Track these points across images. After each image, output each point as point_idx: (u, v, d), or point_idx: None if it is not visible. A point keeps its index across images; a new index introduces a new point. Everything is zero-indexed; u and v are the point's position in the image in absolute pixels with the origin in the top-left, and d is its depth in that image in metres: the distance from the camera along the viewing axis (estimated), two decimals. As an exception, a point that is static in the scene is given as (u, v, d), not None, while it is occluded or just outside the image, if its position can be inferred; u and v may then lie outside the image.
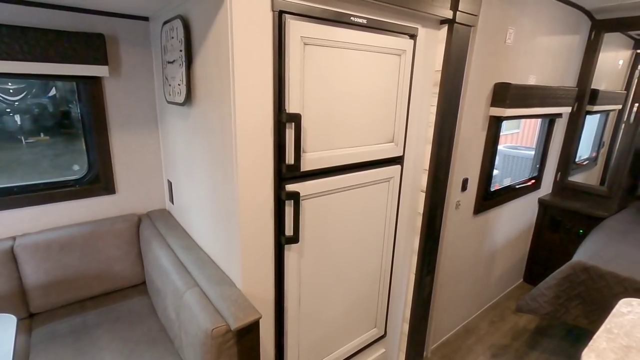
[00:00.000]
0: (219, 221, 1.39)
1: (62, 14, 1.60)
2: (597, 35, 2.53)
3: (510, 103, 1.97)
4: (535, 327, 2.58)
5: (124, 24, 1.75)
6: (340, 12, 1.25)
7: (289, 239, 1.34)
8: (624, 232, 2.25)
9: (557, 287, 2.00)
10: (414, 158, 1.77)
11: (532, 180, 2.70)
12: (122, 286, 1.90)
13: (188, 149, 1.60)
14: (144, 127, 1.93)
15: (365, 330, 1.86)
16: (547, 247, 2.92)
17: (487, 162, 2.13)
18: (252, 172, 1.21)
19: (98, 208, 1.89)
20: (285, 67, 1.17)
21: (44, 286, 1.68)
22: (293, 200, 1.29)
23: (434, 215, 1.88)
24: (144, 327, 1.65)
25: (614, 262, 1.90)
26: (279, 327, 1.46)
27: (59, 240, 1.71)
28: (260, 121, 1.18)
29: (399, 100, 1.56)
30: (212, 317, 1.21)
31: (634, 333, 0.98)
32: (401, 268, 1.96)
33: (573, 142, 2.76)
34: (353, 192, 1.52)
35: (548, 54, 2.30)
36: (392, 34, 1.44)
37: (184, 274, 1.48)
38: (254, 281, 1.33)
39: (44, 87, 1.75)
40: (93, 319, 1.68)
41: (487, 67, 1.88)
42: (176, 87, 1.52)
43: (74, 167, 1.87)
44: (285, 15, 1.13)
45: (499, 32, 1.87)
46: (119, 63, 1.78)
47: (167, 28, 1.52)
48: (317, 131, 1.31)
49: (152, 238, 1.78)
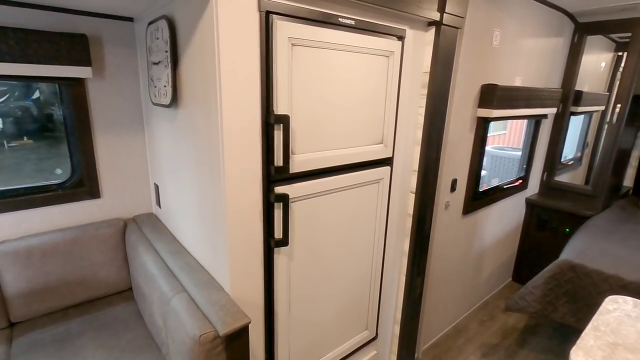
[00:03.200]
0: (207, 225, 1.37)
1: (44, 14, 1.55)
2: (580, 38, 2.59)
3: (497, 104, 2.00)
4: (525, 326, 2.60)
5: (108, 24, 1.71)
6: (328, 13, 1.25)
7: (278, 242, 1.32)
8: (609, 231, 2.30)
9: (545, 285, 2.03)
10: (403, 159, 1.78)
11: (519, 181, 2.74)
12: (107, 293, 1.85)
13: (175, 151, 1.57)
14: (129, 129, 1.89)
15: (357, 332, 1.85)
16: (535, 246, 2.96)
17: (475, 163, 2.15)
18: (239, 174, 1.19)
19: (82, 213, 1.84)
20: (272, 68, 1.15)
21: (25, 294, 1.62)
22: (282, 202, 1.28)
23: (423, 216, 1.89)
24: (130, 334, 1.61)
25: (599, 260, 1.93)
26: (269, 331, 1.44)
27: (40, 247, 1.65)
28: (247, 123, 1.16)
29: (388, 101, 1.56)
30: (199, 323, 1.18)
31: (620, 330, 0.99)
32: (391, 269, 1.96)
33: (558, 143, 2.81)
34: (343, 194, 1.51)
35: (533, 55, 2.34)
36: (380, 35, 1.44)
37: (171, 279, 1.45)
38: (242, 285, 1.31)
39: (27, 89, 1.70)
40: (76, 327, 1.64)
41: (474, 69, 1.90)
42: (162, 89, 1.49)
43: (56, 171, 1.82)
44: (272, 16, 1.12)
45: (486, 34, 1.89)
46: (103, 64, 1.75)
47: (152, 29, 1.49)
48: (305, 133, 1.30)
49: (139, 243, 1.74)
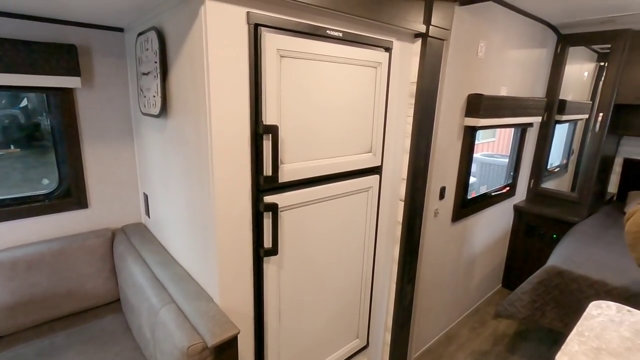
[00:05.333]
0: (196, 235, 1.36)
1: (33, 24, 1.55)
2: (563, 49, 2.67)
3: (484, 113, 2.04)
4: (515, 332, 2.62)
5: (97, 34, 1.72)
6: (316, 26, 1.27)
7: (267, 252, 1.32)
8: (595, 236, 2.34)
9: (533, 291, 2.05)
10: (392, 168, 1.80)
11: (507, 188, 2.79)
12: (94, 305, 1.82)
13: (164, 161, 1.57)
14: (118, 139, 1.89)
15: (348, 341, 1.84)
16: (523, 252, 3.00)
17: (463, 171, 2.19)
18: (228, 184, 1.19)
19: (69, 223, 1.82)
20: (261, 79, 1.17)
21: (9, 307, 1.59)
22: (271, 211, 1.28)
23: (413, 223, 1.90)
24: (117, 347, 1.58)
25: (585, 265, 1.97)
26: (259, 342, 1.43)
27: (26, 258, 1.62)
28: (236, 133, 1.17)
29: (376, 111, 1.58)
30: (188, 334, 1.17)
31: (604, 335, 1.01)
32: (382, 277, 1.97)
33: (544, 150, 2.87)
34: (332, 203, 1.52)
35: (518, 66, 2.40)
36: (368, 47, 1.46)
37: (159, 290, 1.43)
38: (232, 296, 1.30)
39: (14, 98, 1.69)
40: (62, 340, 1.60)
41: (460, 79, 1.94)
42: (151, 99, 1.50)
43: (43, 181, 1.79)
44: (261, 28, 1.14)
45: (471, 45, 1.94)
46: (92, 74, 1.74)
47: (142, 39, 1.50)
48: (295, 142, 1.32)
49: (127, 253, 1.72)
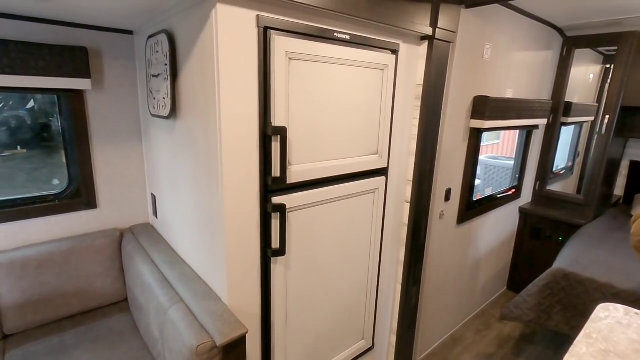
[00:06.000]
0: (204, 235, 1.38)
1: (45, 27, 1.58)
2: (569, 51, 2.66)
3: (490, 115, 2.04)
4: (521, 335, 2.61)
5: (108, 37, 1.74)
6: (324, 29, 1.29)
7: (275, 252, 1.33)
8: (601, 239, 2.33)
9: (539, 294, 2.05)
10: (398, 169, 1.80)
11: (512, 190, 2.78)
12: (102, 304, 1.84)
13: (173, 162, 1.58)
14: (127, 140, 1.91)
15: (353, 342, 1.85)
16: (529, 255, 2.99)
17: (469, 173, 2.19)
18: (237, 185, 1.21)
19: (79, 223, 1.84)
20: (270, 81, 1.18)
21: (20, 306, 1.61)
22: (279, 212, 1.30)
23: (418, 225, 1.91)
24: (126, 346, 1.60)
25: (591, 268, 1.96)
26: (266, 341, 1.44)
27: (36, 258, 1.65)
28: (245, 134, 1.19)
29: (383, 113, 1.59)
30: (197, 333, 1.18)
31: (612, 337, 1.01)
32: (387, 279, 1.97)
33: (550, 153, 2.86)
34: (339, 204, 1.53)
35: (524, 68, 2.40)
36: (375, 49, 1.48)
37: (168, 290, 1.45)
38: (240, 295, 1.31)
39: (22, 99, 1.72)
40: (71, 339, 1.62)
41: (466, 81, 1.95)
42: (161, 101, 1.52)
43: (53, 182, 1.82)
44: (270, 31, 1.15)
45: (477, 47, 1.94)
46: (103, 76, 1.77)
47: (152, 42, 1.52)
48: (302, 144, 1.33)
49: (135, 253, 1.74)
